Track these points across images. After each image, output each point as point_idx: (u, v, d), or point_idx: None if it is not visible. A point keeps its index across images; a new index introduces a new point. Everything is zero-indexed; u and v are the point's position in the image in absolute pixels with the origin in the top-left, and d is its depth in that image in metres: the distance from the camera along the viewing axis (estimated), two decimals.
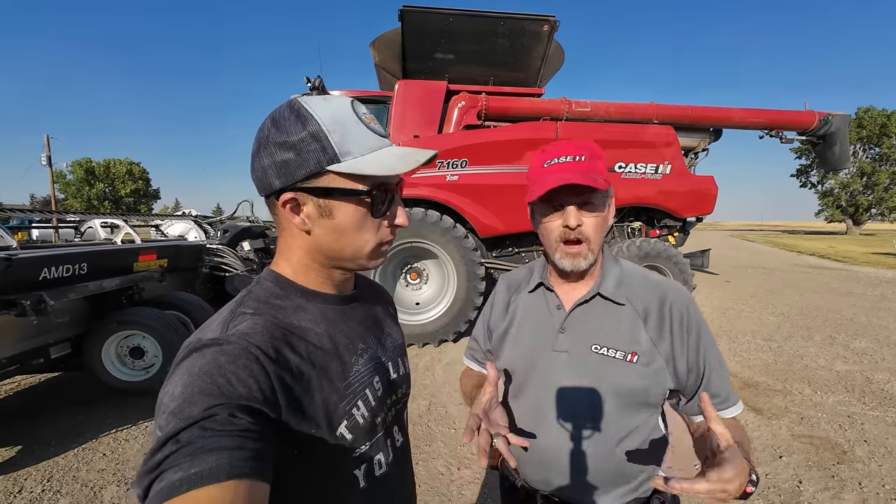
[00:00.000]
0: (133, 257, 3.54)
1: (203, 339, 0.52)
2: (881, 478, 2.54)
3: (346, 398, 0.60)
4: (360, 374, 0.64)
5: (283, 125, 0.56)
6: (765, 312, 6.86)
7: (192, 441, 0.41)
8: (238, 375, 0.48)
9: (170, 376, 0.49)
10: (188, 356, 0.50)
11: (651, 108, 5.45)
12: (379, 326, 0.75)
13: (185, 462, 0.39)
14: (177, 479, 0.38)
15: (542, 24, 5.02)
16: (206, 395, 0.45)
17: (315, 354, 0.59)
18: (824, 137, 5.84)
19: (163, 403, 0.46)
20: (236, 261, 4.68)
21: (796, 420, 3.26)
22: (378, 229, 0.62)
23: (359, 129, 0.58)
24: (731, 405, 0.88)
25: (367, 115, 0.60)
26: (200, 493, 0.38)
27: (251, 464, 0.41)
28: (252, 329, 0.54)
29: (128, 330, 3.30)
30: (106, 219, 5.58)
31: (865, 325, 6.02)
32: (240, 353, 0.50)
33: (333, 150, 0.55)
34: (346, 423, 0.59)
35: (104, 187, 44.57)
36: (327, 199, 0.58)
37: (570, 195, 0.84)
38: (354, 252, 0.62)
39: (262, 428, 0.46)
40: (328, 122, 0.56)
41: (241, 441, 0.42)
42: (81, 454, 2.85)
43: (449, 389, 3.86)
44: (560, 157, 0.86)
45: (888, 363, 4.49)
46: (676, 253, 5.15)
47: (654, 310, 0.89)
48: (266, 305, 0.60)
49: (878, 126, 41.30)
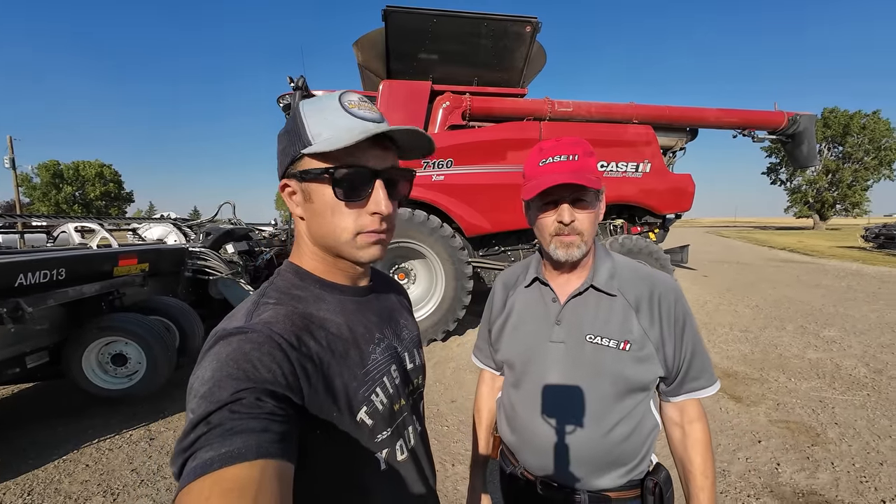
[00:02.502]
0: (113, 262, 3.44)
1: (229, 329, 0.54)
2: (851, 457, 2.69)
3: (364, 385, 0.63)
4: (378, 362, 0.66)
5: (287, 121, 0.64)
6: (741, 305, 7.13)
7: (222, 423, 0.43)
8: (263, 361, 0.50)
9: (199, 363, 0.51)
10: (215, 344, 0.52)
11: (630, 108, 5.60)
12: (394, 318, 0.77)
13: (216, 442, 0.41)
14: (209, 457, 0.40)
15: (524, 25, 5.09)
16: (234, 380, 0.47)
17: (334, 343, 0.61)
18: (793, 136, 6.11)
19: (193, 388, 0.48)
20: (220, 264, 4.59)
21: (773, 406, 3.41)
22: (354, 216, 0.61)
23: (336, 114, 0.59)
24: (708, 386, 0.95)
25: (353, 101, 0.61)
26: (231, 470, 0.40)
27: (277, 445, 0.44)
28: (274, 318, 0.57)
29: (109, 336, 3.21)
30: (80, 223, 5.39)
31: (833, 315, 6.32)
32: (264, 340, 0.52)
33: (307, 135, 0.59)
34: (366, 409, 0.62)
35: (73, 190, 42.89)
36: (307, 183, 0.61)
37: (563, 193, 0.89)
38: (335, 239, 0.62)
39: (287, 411, 0.49)
40: (309, 112, 0.61)
41: (268, 423, 0.44)
42: (63, 466, 2.76)
43: (440, 388, 3.89)
44: (555, 155, 0.90)
45: (854, 350, 4.73)
46: (658, 249, 5.31)
47: (645, 300, 0.94)
48: (287, 296, 0.62)
49: (841, 126, 43.32)
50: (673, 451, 0.99)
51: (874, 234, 17.52)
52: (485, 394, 1.19)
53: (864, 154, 43.41)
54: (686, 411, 0.96)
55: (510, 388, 1.05)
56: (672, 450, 1.00)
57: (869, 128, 42.47)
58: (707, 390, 0.95)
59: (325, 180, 0.59)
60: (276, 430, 0.45)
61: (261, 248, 5.76)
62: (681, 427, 0.96)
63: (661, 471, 0.97)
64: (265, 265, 5.41)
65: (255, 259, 5.44)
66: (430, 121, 5.30)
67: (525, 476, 1.00)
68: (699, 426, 0.95)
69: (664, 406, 1.00)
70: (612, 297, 0.95)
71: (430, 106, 5.31)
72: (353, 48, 5.81)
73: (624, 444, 0.92)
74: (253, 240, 5.92)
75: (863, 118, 43.04)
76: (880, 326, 5.68)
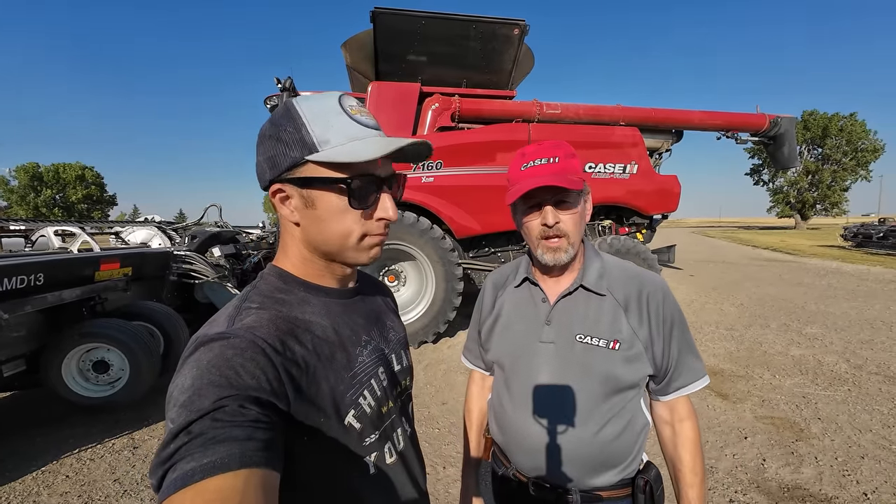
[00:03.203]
0: (94, 266, 3.35)
1: (210, 334, 0.52)
2: (834, 451, 2.75)
3: (352, 388, 0.62)
4: (365, 364, 0.65)
5: (277, 121, 0.59)
6: (726, 304, 7.27)
7: (204, 432, 0.42)
8: (246, 367, 0.49)
9: (178, 370, 0.50)
10: (196, 350, 0.51)
11: (617, 110, 5.67)
12: (381, 320, 0.76)
13: (197, 452, 0.40)
14: (189, 468, 0.39)
15: (512, 27, 5.13)
16: (216, 387, 0.45)
17: (320, 346, 0.60)
18: (774, 138, 6.25)
19: (173, 396, 0.46)
20: (206, 267, 4.50)
21: (758, 403, 3.47)
22: (362, 221, 0.61)
23: (341, 120, 0.59)
24: (696, 380, 0.95)
25: (354, 106, 0.61)
26: (213, 481, 0.38)
27: (261, 453, 0.42)
28: (257, 323, 0.55)
29: (91, 343, 3.12)
30: (60, 226, 5.25)
31: (815, 313, 6.48)
32: (246, 345, 0.51)
33: (312, 141, 0.57)
34: (354, 413, 0.61)
35: (53, 193, 41.81)
36: (309, 190, 0.59)
37: (545, 195, 0.89)
38: (339, 244, 0.62)
39: (271, 418, 0.47)
40: (309, 115, 0.58)
41: (252, 431, 0.43)
42: (41, 477, 2.67)
43: (431, 390, 3.87)
44: (536, 159, 0.91)
45: (836, 346, 4.85)
46: (645, 249, 5.38)
47: (634, 299, 0.94)
48: (270, 300, 0.61)
49: (820, 128, 44.55)
50: (663, 448, 1.00)
51: (853, 233, 18.02)
52: (475, 394, 1.18)
53: (842, 155, 44.70)
54: (676, 410, 0.96)
55: (500, 388, 1.04)
56: (662, 448, 1.00)
57: (847, 130, 43.77)
58: (696, 384, 0.95)
59: (337, 189, 0.58)
60: (261, 438, 0.44)
61: (248, 252, 5.68)
62: (671, 425, 0.97)
63: (652, 469, 0.97)
64: (253, 268, 5.33)
65: (243, 262, 5.36)
66: (419, 122, 5.30)
67: (517, 477, 1.00)
68: (689, 424, 0.96)
69: (654, 405, 1.00)
70: (602, 296, 0.95)
71: (419, 107, 5.30)
72: (341, 49, 5.78)
73: (615, 443, 0.92)
74: (240, 243, 5.83)
75: (840, 120, 44.34)
76: (860, 323, 5.84)
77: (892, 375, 3.97)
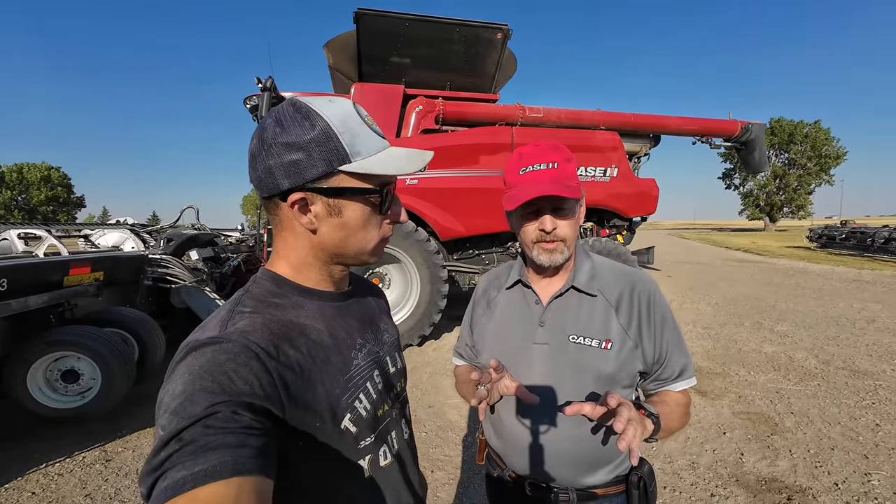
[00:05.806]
0: (63, 271, 3.19)
1: (201, 339, 0.51)
2: (806, 444, 2.86)
3: (348, 391, 0.61)
4: (361, 367, 0.65)
5: (290, 126, 0.56)
6: (702, 303, 7.50)
7: (196, 439, 0.41)
8: (239, 373, 0.47)
9: (169, 376, 0.48)
10: (187, 355, 0.49)
11: (598, 114, 5.79)
12: (374, 322, 0.76)
13: (188, 460, 0.39)
14: (180, 477, 0.38)
15: (495, 31, 5.18)
16: (208, 393, 0.44)
17: (315, 350, 0.59)
18: (746, 143, 6.51)
19: (164, 403, 0.45)
20: (183, 271, 4.36)
21: (735, 399, 3.59)
22: (380, 226, 0.65)
23: (364, 131, 0.59)
24: (685, 378, 0.97)
25: (368, 116, 0.62)
26: (205, 490, 0.38)
27: (255, 460, 0.42)
28: (251, 327, 0.54)
29: (59, 351, 2.97)
30: (24, 229, 4.99)
31: (785, 311, 6.76)
32: (240, 350, 0.49)
33: (345, 151, 0.57)
34: (350, 416, 0.60)
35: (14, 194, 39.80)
36: (337, 199, 0.59)
37: (544, 203, 0.90)
38: (359, 249, 0.64)
39: (265, 424, 0.47)
40: (337, 123, 0.56)
41: (245, 438, 0.42)
42: (5, 495, 2.51)
43: (417, 394, 3.84)
44: (535, 163, 0.90)
45: (805, 343, 5.07)
46: (626, 251, 5.49)
47: (625, 298, 0.96)
48: (264, 304, 0.60)
49: (787, 134, 46.66)
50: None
51: (818, 234, 18.87)
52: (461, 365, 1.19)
53: (807, 160, 46.89)
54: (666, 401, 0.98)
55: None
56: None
57: (811, 136, 45.98)
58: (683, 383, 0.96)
59: (366, 199, 0.61)
60: (254, 445, 0.43)
61: (227, 255, 5.53)
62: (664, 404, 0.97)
63: (645, 465, 0.99)
64: (232, 272, 5.20)
65: (222, 266, 5.21)
66: (402, 125, 5.28)
67: (513, 478, 1.00)
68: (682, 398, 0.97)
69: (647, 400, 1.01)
70: (593, 297, 0.97)
71: (403, 110, 5.29)
72: (323, 50, 5.72)
73: (609, 442, 0.93)
74: (219, 246, 5.68)
75: (805, 127, 46.54)
76: (826, 320, 6.12)
77: (857, 370, 4.17)
